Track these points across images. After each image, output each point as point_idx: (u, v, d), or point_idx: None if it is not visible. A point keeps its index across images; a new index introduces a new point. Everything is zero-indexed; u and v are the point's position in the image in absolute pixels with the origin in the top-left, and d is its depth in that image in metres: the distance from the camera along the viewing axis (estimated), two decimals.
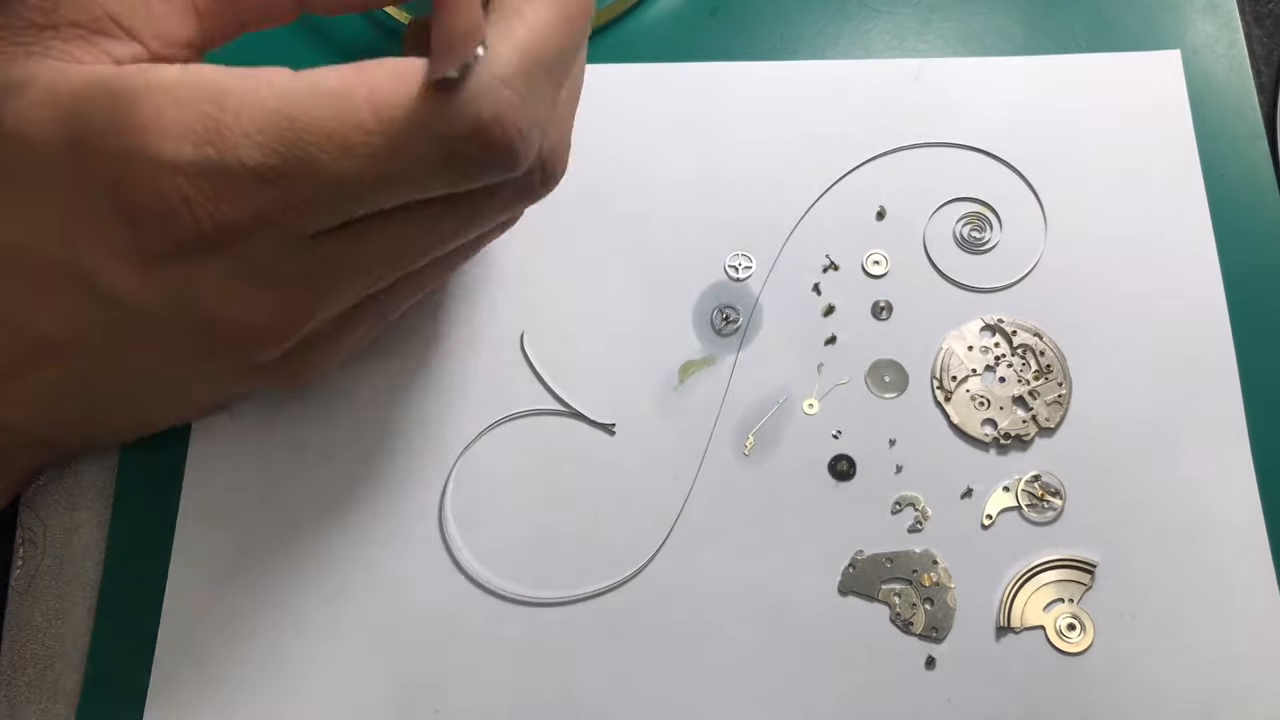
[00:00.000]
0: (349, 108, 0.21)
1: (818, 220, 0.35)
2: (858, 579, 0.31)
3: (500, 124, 0.22)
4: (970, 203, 0.35)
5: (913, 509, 0.32)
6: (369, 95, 0.21)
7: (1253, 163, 0.35)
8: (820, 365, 0.33)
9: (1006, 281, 0.34)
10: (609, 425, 0.33)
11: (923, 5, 0.37)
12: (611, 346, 0.33)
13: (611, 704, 0.30)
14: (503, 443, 0.33)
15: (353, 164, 0.21)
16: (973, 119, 0.35)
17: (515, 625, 0.31)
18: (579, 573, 0.31)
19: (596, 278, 0.34)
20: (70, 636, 0.31)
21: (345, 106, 0.21)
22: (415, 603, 0.31)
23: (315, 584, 0.31)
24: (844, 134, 0.35)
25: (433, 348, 0.33)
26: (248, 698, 0.30)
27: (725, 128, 0.36)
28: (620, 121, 0.36)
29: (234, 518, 0.32)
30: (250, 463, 0.32)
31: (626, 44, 0.37)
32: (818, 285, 0.34)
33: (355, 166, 0.22)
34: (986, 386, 0.33)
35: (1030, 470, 0.32)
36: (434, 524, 0.32)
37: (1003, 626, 0.30)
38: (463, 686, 0.30)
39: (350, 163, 0.21)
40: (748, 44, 0.37)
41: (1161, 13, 0.37)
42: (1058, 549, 0.31)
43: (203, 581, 0.31)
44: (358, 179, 0.22)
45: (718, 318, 0.34)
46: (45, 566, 0.32)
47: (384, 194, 0.23)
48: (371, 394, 0.33)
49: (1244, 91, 0.35)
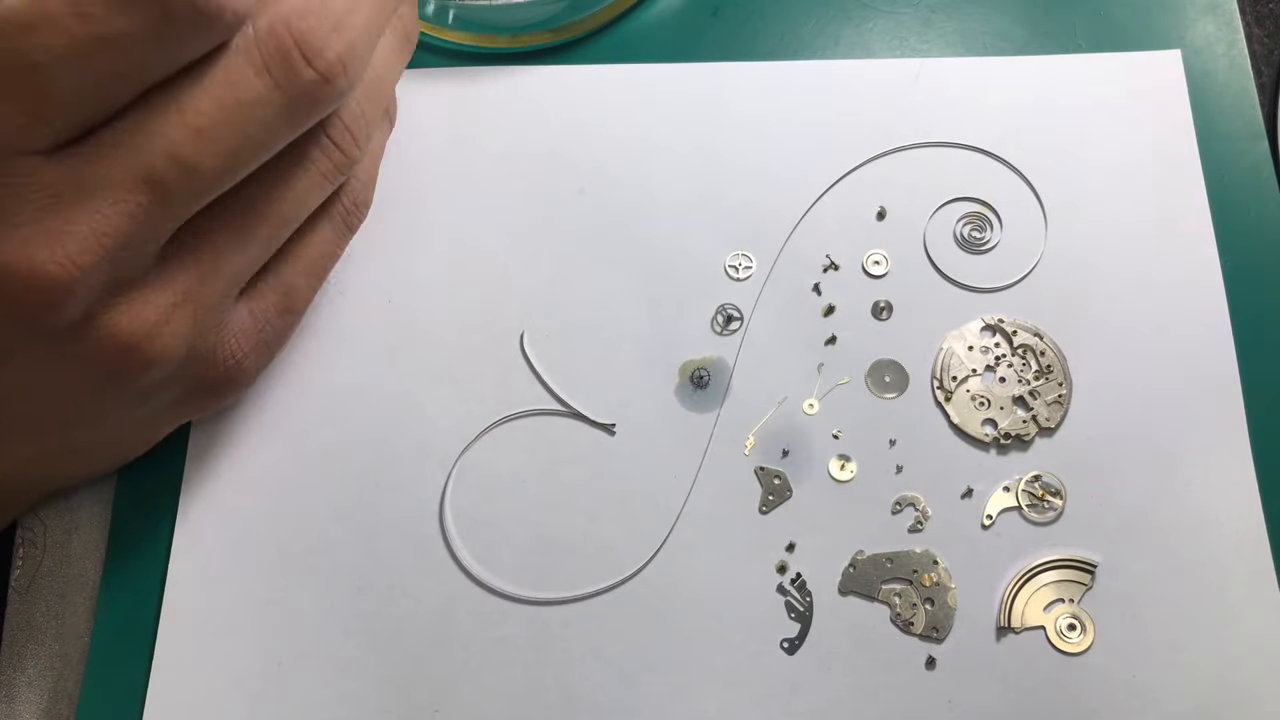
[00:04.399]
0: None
1: (818, 220, 0.35)
2: (858, 579, 0.31)
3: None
4: (970, 203, 0.35)
5: (913, 509, 0.32)
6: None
7: (1253, 163, 0.35)
8: (820, 365, 0.33)
9: (1006, 281, 0.34)
10: (609, 425, 0.33)
11: (923, 5, 0.37)
12: (611, 346, 0.33)
13: (611, 704, 0.30)
14: (503, 443, 0.33)
15: (59, 33, 0.21)
16: (973, 119, 0.35)
17: (515, 625, 0.31)
18: (579, 573, 0.31)
19: (596, 278, 0.34)
20: (70, 636, 0.31)
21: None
22: (415, 603, 0.31)
23: (315, 584, 0.31)
24: (844, 134, 0.35)
25: (433, 348, 0.33)
26: (248, 698, 0.30)
27: (725, 128, 0.36)
28: (621, 122, 0.36)
29: (234, 518, 0.32)
30: (250, 463, 0.32)
31: (626, 44, 0.37)
32: (818, 285, 0.34)
33: (63, 32, 0.21)
34: (986, 386, 0.33)
35: (1030, 470, 0.32)
36: (434, 524, 0.32)
37: (1003, 626, 0.30)
38: (463, 686, 0.30)
39: (58, 33, 0.21)
40: (748, 44, 0.37)
41: (1161, 13, 0.37)
42: (1058, 549, 0.31)
43: (203, 581, 0.31)
44: (67, 44, 0.21)
45: (718, 318, 0.34)
46: (45, 566, 0.32)
47: (93, 50, 0.21)
48: (372, 394, 0.33)
49: (1244, 91, 0.35)
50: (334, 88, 0.25)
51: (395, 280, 0.34)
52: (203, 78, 0.23)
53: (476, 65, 0.37)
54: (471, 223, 0.35)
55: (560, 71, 0.37)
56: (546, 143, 0.36)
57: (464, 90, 0.36)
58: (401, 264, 0.34)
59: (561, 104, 0.36)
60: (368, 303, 0.34)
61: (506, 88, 0.36)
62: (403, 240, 0.35)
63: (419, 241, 0.35)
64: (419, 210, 0.35)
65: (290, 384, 0.33)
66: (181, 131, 0.23)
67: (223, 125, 0.23)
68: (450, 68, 0.37)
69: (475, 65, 0.37)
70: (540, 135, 0.36)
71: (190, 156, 0.23)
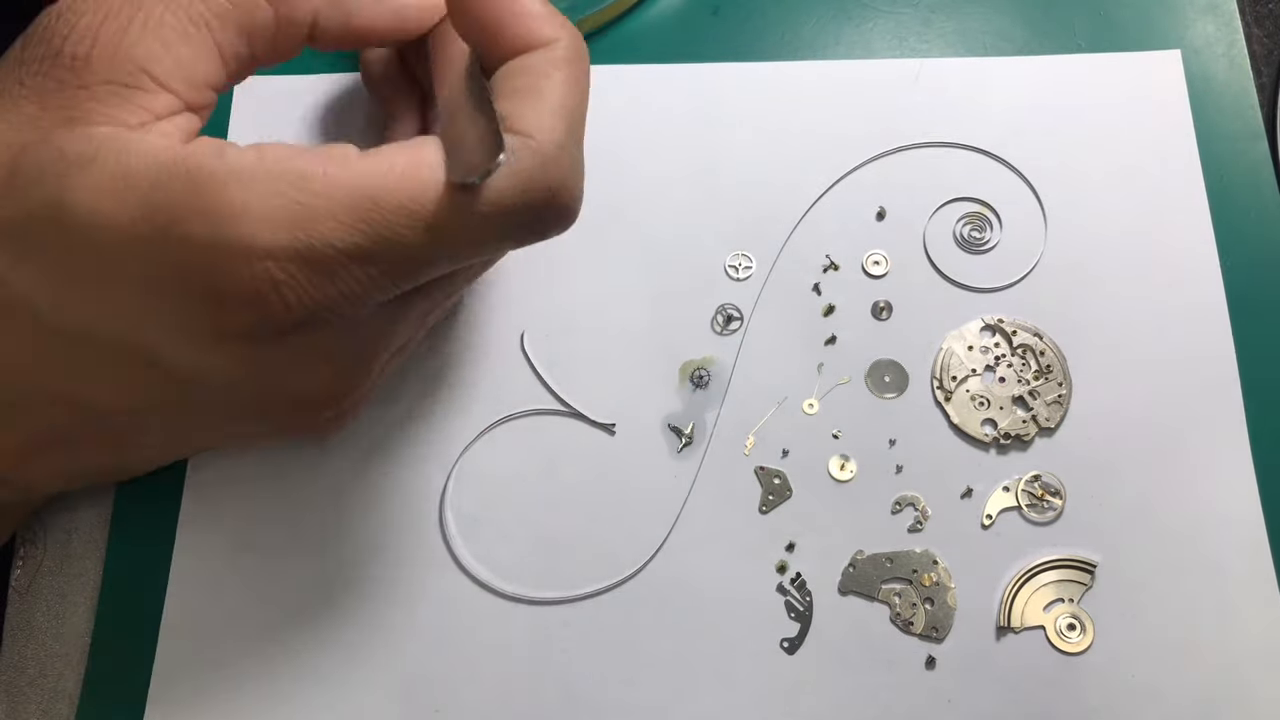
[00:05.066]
0: (422, 186, 0.22)
1: (818, 220, 0.35)
2: (858, 579, 0.31)
3: (565, 188, 0.23)
4: (970, 203, 0.35)
5: (913, 509, 0.32)
6: (436, 171, 0.23)
7: (1253, 163, 0.35)
8: (820, 365, 0.33)
9: (1006, 281, 0.34)
10: (609, 425, 0.33)
11: (923, 5, 0.37)
12: (611, 346, 0.33)
13: (611, 704, 0.30)
14: (503, 443, 0.33)
15: (432, 238, 0.23)
16: (973, 119, 0.35)
17: (515, 625, 0.31)
18: (579, 573, 0.31)
19: (597, 278, 0.34)
20: (70, 636, 0.31)
21: (418, 185, 0.22)
22: (415, 602, 0.31)
23: (315, 584, 0.31)
24: (844, 134, 0.35)
25: (433, 348, 0.33)
26: (248, 698, 0.30)
27: (725, 128, 0.36)
28: (621, 122, 0.36)
29: (234, 518, 0.32)
30: (250, 463, 0.32)
31: (627, 44, 0.37)
32: (818, 285, 0.34)
33: (434, 240, 0.23)
34: (986, 386, 0.33)
35: (1030, 470, 0.32)
36: (434, 524, 0.32)
37: (1003, 626, 0.30)
38: (463, 686, 0.30)
39: (430, 237, 0.22)
40: (749, 44, 0.37)
41: (1161, 13, 0.37)
42: (1058, 549, 0.31)
43: (203, 581, 0.31)
44: (436, 252, 0.23)
45: (718, 318, 0.34)
46: (45, 566, 0.32)
47: (459, 262, 0.24)
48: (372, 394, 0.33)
49: (1244, 91, 0.35)
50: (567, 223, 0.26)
51: None
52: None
53: None
54: None
55: None
56: None
57: None
58: None
59: None
60: None
61: None
62: None
63: None
64: None
65: None
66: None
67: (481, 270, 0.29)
68: None
69: None
70: None
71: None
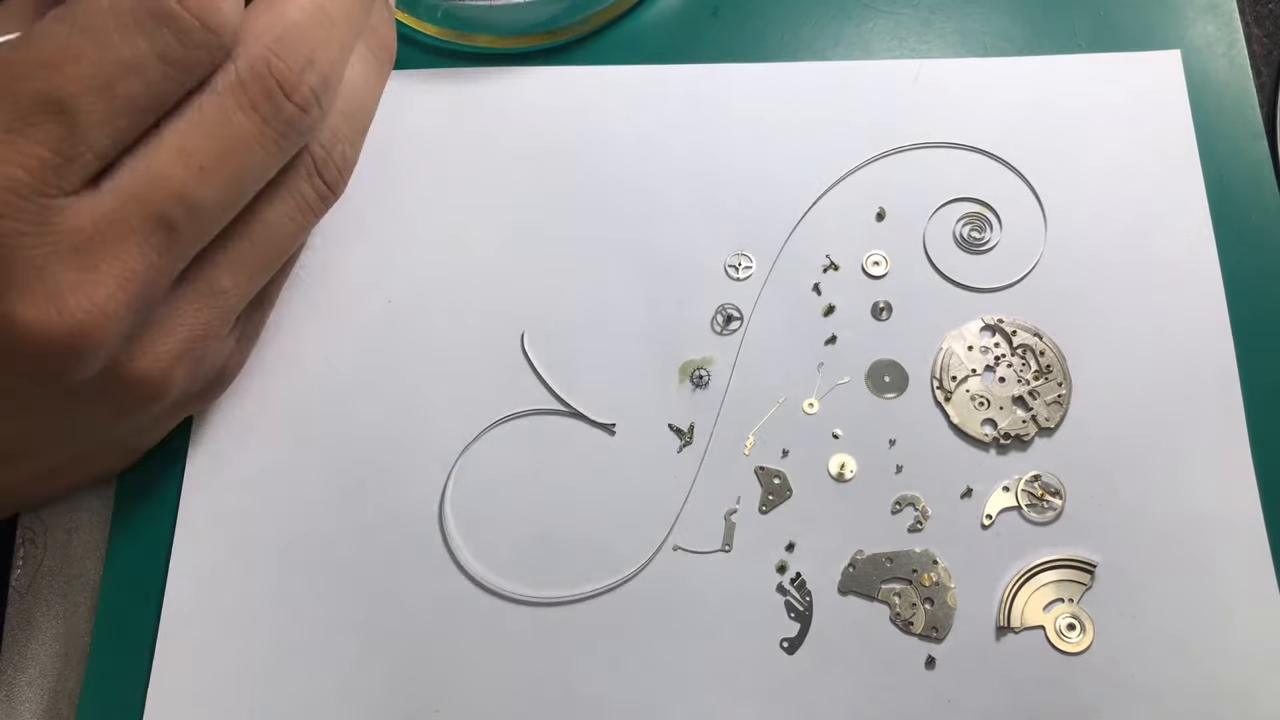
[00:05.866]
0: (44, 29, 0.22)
1: (818, 220, 0.35)
2: (858, 579, 0.31)
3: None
4: (970, 203, 0.35)
5: (913, 509, 0.32)
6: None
7: (1253, 163, 0.35)
8: (820, 365, 0.33)
9: (1006, 281, 0.34)
10: (609, 425, 0.33)
11: (923, 5, 0.37)
12: (611, 346, 0.33)
13: (611, 704, 0.30)
14: (503, 443, 0.33)
15: (84, 64, 0.22)
16: (973, 119, 0.35)
17: (515, 625, 0.31)
18: (579, 573, 0.31)
19: (597, 278, 0.34)
20: (70, 636, 0.31)
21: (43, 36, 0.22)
22: (415, 602, 0.31)
23: (314, 584, 0.31)
24: (844, 134, 0.35)
25: (433, 348, 0.33)
26: (247, 698, 0.30)
27: (725, 128, 0.36)
28: (621, 122, 0.36)
29: (234, 518, 0.32)
30: (250, 463, 0.32)
31: (626, 44, 0.37)
32: (818, 285, 0.34)
33: (87, 63, 0.22)
34: (986, 386, 0.33)
35: (1030, 470, 0.32)
36: (434, 524, 0.32)
37: (1003, 626, 0.30)
38: (463, 686, 0.30)
39: (82, 64, 0.22)
40: (748, 44, 0.37)
41: (1161, 13, 0.37)
42: (1058, 549, 0.31)
43: (203, 581, 0.31)
44: (93, 74, 0.22)
45: (718, 318, 0.34)
46: (45, 566, 0.32)
47: (116, 77, 0.23)
48: (372, 393, 0.33)
49: (1244, 91, 0.35)
50: (310, 117, 0.26)
51: (395, 280, 0.34)
52: (199, 120, 0.24)
53: (477, 66, 0.37)
54: (472, 222, 0.35)
55: (560, 72, 0.37)
56: (546, 143, 0.36)
57: (465, 91, 0.36)
58: (402, 264, 0.34)
59: (561, 104, 0.36)
60: (368, 303, 0.34)
61: (507, 88, 0.36)
62: (403, 240, 0.35)
63: (420, 242, 0.35)
64: (420, 210, 0.35)
65: (291, 384, 0.33)
66: (186, 172, 0.24)
67: (221, 163, 0.24)
68: (451, 69, 0.37)
69: (476, 66, 0.37)
70: (540, 136, 0.36)
71: (196, 195, 0.24)
